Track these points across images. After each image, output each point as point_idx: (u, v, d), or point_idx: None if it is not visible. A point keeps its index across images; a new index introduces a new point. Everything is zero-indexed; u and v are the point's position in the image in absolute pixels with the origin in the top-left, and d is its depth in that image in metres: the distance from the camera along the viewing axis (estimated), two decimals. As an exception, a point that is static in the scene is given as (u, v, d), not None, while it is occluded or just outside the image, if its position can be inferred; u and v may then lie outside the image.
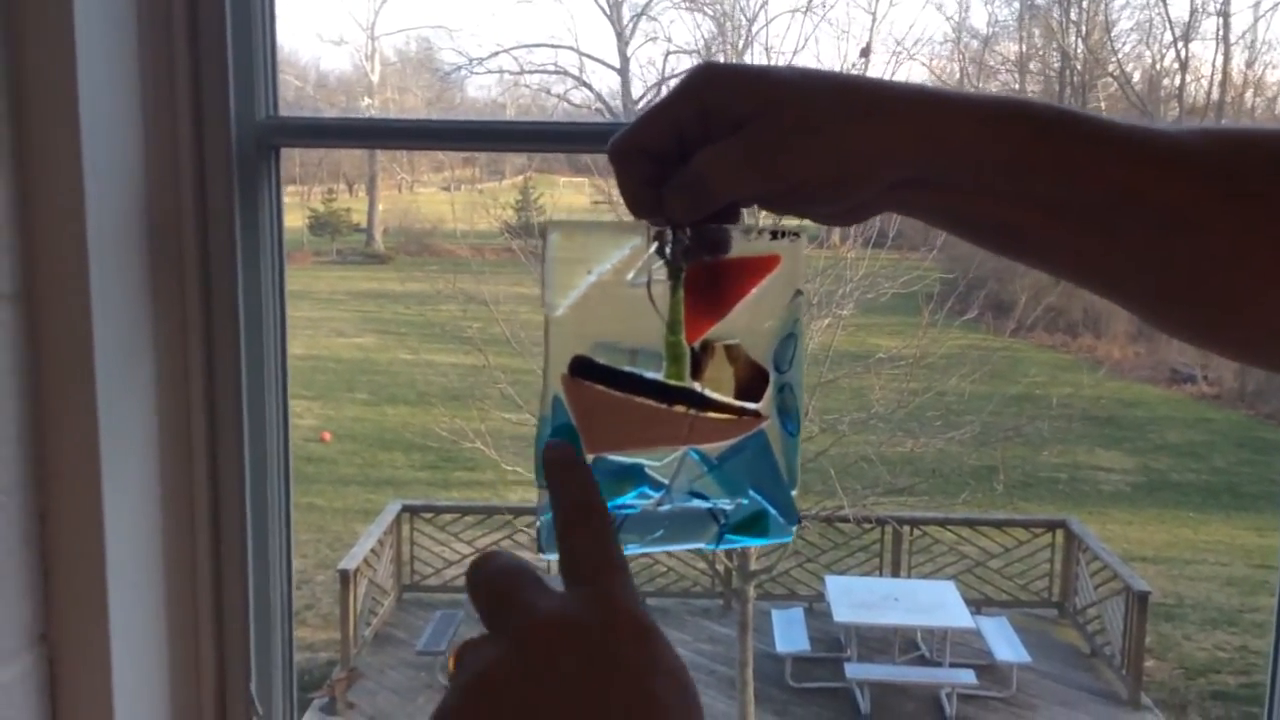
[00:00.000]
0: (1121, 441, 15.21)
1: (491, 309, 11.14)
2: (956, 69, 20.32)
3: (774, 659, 9.53)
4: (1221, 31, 19.91)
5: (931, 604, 9.82)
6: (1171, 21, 19.91)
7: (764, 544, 0.66)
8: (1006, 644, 9.47)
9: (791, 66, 0.58)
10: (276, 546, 1.11)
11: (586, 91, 15.65)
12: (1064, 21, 20.37)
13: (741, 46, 12.07)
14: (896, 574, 10.86)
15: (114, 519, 0.93)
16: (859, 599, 9.86)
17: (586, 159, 9.30)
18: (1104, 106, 19.14)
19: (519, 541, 10.32)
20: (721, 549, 0.61)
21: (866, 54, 10.77)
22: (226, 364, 1.04)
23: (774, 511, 0.63)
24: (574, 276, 0.58)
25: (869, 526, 10.75)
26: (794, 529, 0.63)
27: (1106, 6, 19.81)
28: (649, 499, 0.61)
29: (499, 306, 11.14)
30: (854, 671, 9.34)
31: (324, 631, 10.19)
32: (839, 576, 10.56)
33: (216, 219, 1.03)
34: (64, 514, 0.92)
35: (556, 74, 16.01)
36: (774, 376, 0.61)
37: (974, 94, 0.58)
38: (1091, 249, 0.59)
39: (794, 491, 0.63)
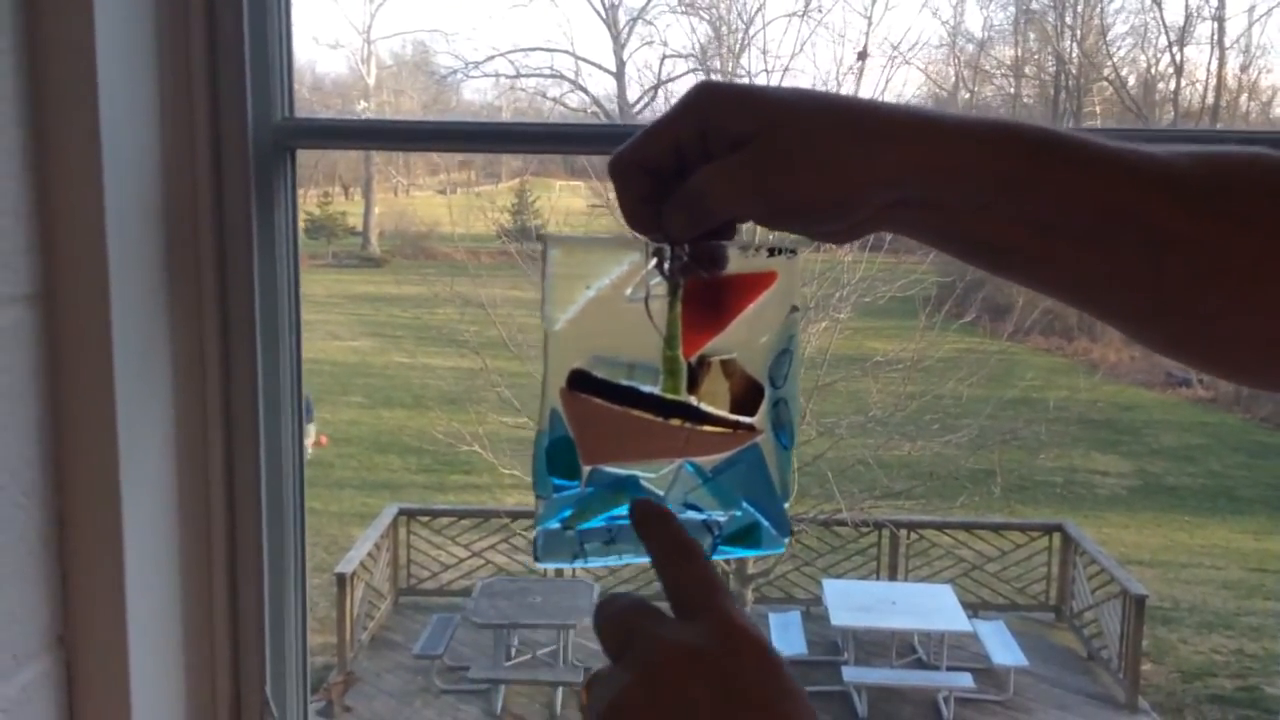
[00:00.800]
0: (1118, 445, 15.24)
1: (488, 312, 11.14)
2: (952, 73, 20.36)
3: (771, 663, 9.53)
4: (1216, 36, 19.98)
5: (928, 607, 9.82)
6: (1166, 26, 19.97)
7: (757, 555, 0.68)
8: (1003, 647, 9.47)
9: (790, 87, 0.59)
10: (291, 549, 1.11)
11: (583, 95, 15.67)
12: (1059, 25, 20.42)
13: (738, 50, 12.09)
14: (894, 577, 10.86)
15: (132, 522, 0.93)
16: (856, 602, 9.86)
17: (583, 162, 9.31)
18: (1099, 110, 19.18)
19: (516, 545, 10.32)
20: (716, 559, 0.62)
21: (864, 58, 10.79)
22: (243, 364, 1.04)
23: (766, 523, 0.64)
24: (573, 291, 0.59)
25: (866, 530, 10.75)
26: (786, 540, 0.64)
27: (1102, 11, 19.87)
28: None
29: (496, 310, 11.14)
30: (851, 675, 9.34)
31: (320, 635, 10.16)
32: (836, 580, 10.56)
33: (233, 220, 1.03)
34: (82, 516, 0.92)
35: (552, 78, 16.03)
36: (769, 391, 0.63)
37: (967, 115, 0.59)
38: (1081, 267, 0.60)
39: (787, 504, 0.64)
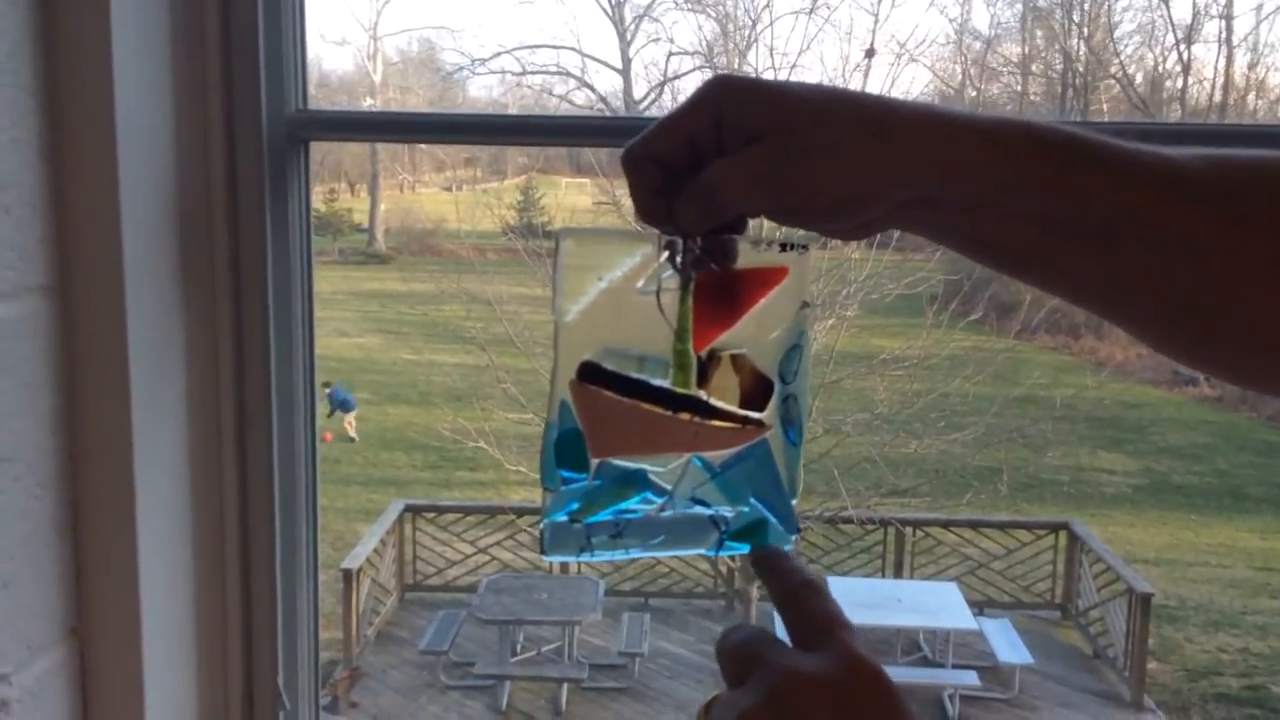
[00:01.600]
0: (1124, 443, 15.22)
1: (495, 309, 11.14)
2: (959, 70, 20.34)
3: (777, 660, 9.52)
4: (1224, 34, 19.95)
5: (934, 605, 9.81)
6: (1174, 24, 19.93)
7: None
8: (1009, 645, 9.47)
9: (804, 83, 0.59)
10: (304, 542, 1.11)
11: (589, 92, 15.68)
12: (1066, 23, 20.39)
13: (744, 48, 12.07)
14: (899, 575, 10.86)
15: (146, 513, 0.93)
16: (862, 600, 9.85)
17: (589, 159, 9.30)
18: (1106, 108, 19.14)
19: (521, 541, 10.33)
20: (722, 555, 0.63)
21: (871, 55, 10.77)
22: (256, 356, 1.04)
23: (774, 520, 0.64)
24: (585, 283, 0.59)
25: (872, 528, 10.75)
26: (794, 538, 0.64)
27: (1109, 9, 19.82)
28: (652, 504, 0.62)
29: (502, 306, 11.15)
30: (857, 673, 9.34)
31: (326, 631, 10.16)
32: (842, 578, 10.55)
33: (247, 212, 1.03)
34: (96, 507, 0.92)
35: (559, 75, 16.03)
36: (778, 387, 0.62)
37: (981, 114, 0.59)
38: (1093, 269, 0.60)
39: (795, 501, 0.64)
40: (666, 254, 0.59)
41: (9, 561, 0.83)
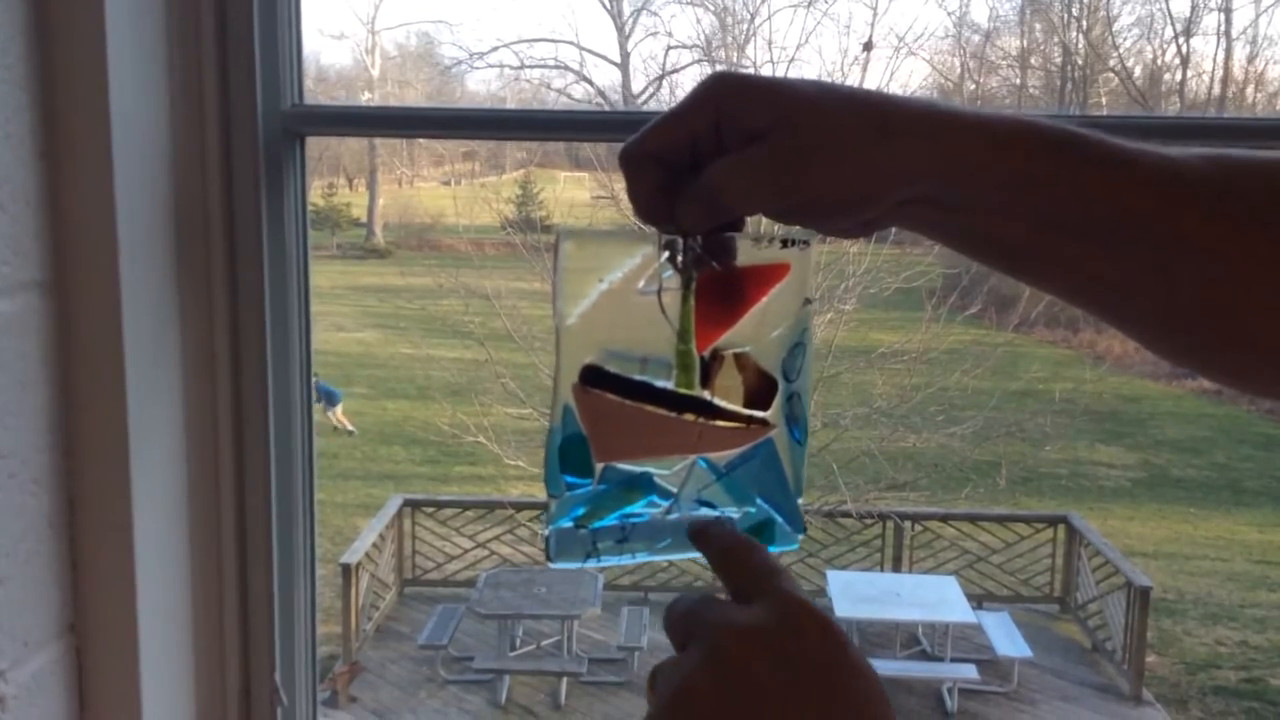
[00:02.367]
0: (1122, 437, 15.23)
1: (493, 303, 11.14)
2: (957, 64, 20.33)
3: (776, 653, 9.54)
4: (1223, 27, 19.94)
5: (933, 599, 9.82)
6: (1173, 16, 19.92)
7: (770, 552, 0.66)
8: (1008, 639, 9.48)
9: (806, 80, 0.59)
10: (300, 537, 1.11)
11: (587, 86, 15.66)
12: (1065, 16, 20.37)
13: (743, 41, 12.05)
14: (898, 569, 10.87)
15: (142, 509, 0.93)
16: (860, 594, 9.87)
17: (587, 153, 9.29)
18: (1105, 101, 19.14)
19: (520, 536, 10.34)
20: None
21: (869, 49, 10.77)
22: (253, 351, 1.04)
23: (780, 520, 0.63)
24: (585, 285, 0.59)
25: (871, 521, 10.76)
26: (800, 538, 0.64)
27: (1108, 1, 19.80)
28: (658, 508, 0.62)
29: (500, 301, 11.15)
30: (856, 666, 9.35)
31: (325, 625, 10.18)
32: (840, 571, 10.57)
33: (243, 207, 1.03)
34: (92, 504, 0.91)
35: (557, 68, 16.01)
36: (782, 385, 0.62)
37: (984, 112, 0.58)
38: (1095, 269, 0.59)
39: (801, 500, 0.64)
40: (666, 254, 0.59)
41: (4, 559, 0.82)
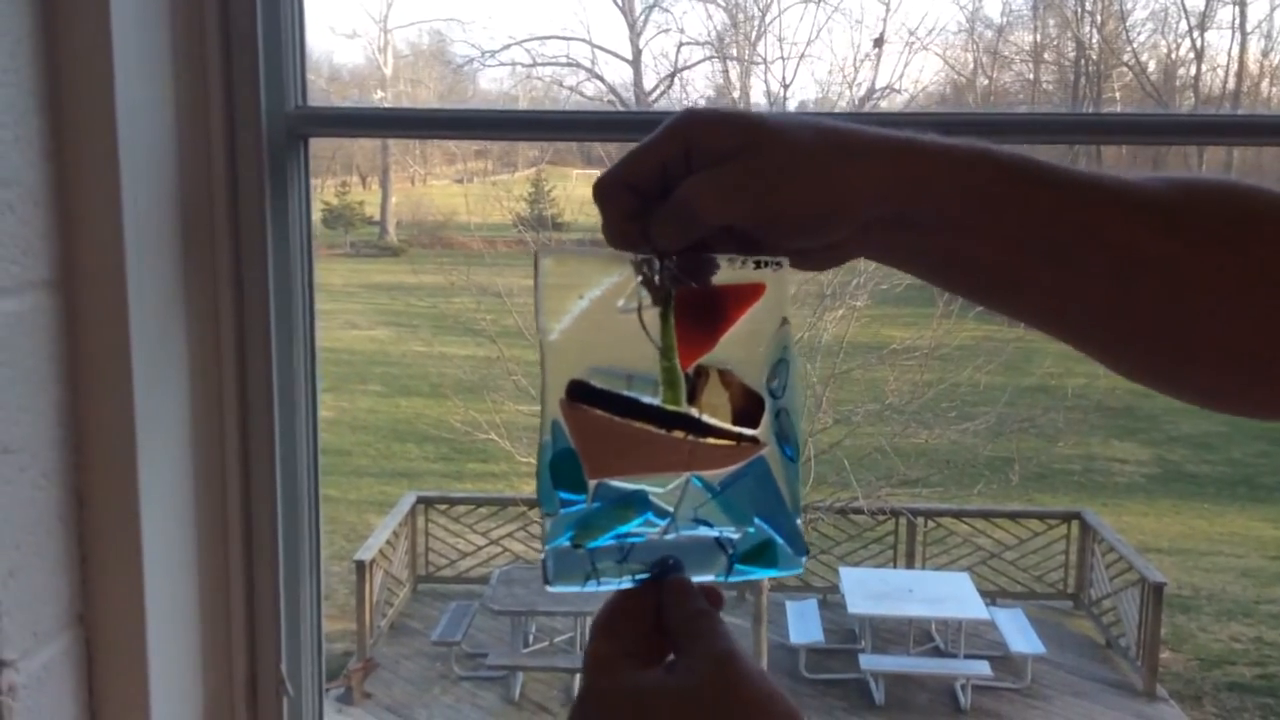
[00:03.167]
0: (1136, 433, 15.16)
1: (505, 301, 11.16)
2: (970, 59, 20.24)
3: (788, 650, 9.54)
4: (1238, 20, 19.81)
5: (946, 595, 9.81)
6: (1187, 10, 19.79)
7: (775, 575, 0.65)
8: (1021, 635, 9.47)
9: (772, 110, 0.61)
10: (306, 530, 1.13)
11: (599, 84, 15.66)
12: (1079, 10, 20.26)
13: (754, 37, 12.05)
14: (911, 566, 10.86)
15: (149, 503, 0.95)
16: (873, 590, 9.86)
17: (600, 152, 9.31)
18: (1119, 96, 19.04)
19: (532, 533, 10.36)
20: (734, 581, 0.62)
21: (880, 44, 10.75)
22: (258, 349, 1.06)
23: (781, 540, 0.62)
24: (566, 302, 0.59)
25: (883, 518, 10.75)
26: (804, 560, 0.63)
27: (1122, -5, 19.69)
28: (655, 527, 0.61)
29: (512, 299, 11.16)
30: (868, 663, 9.35)
31: (340, 622, 10.22)
32: (853, 568, 10.56)
33: (248, 207, 1.05)
34: (101, 498, 0.94)
35: (569, 66, 16.02)
36: (769, 403, 0.61)
37: (944, 139, 0.61)
38: (1055, 289, 0.61)
39: (799, 520, 0.63)
40: (641, 277, 0.59)
41: (14, 551, 0.85)
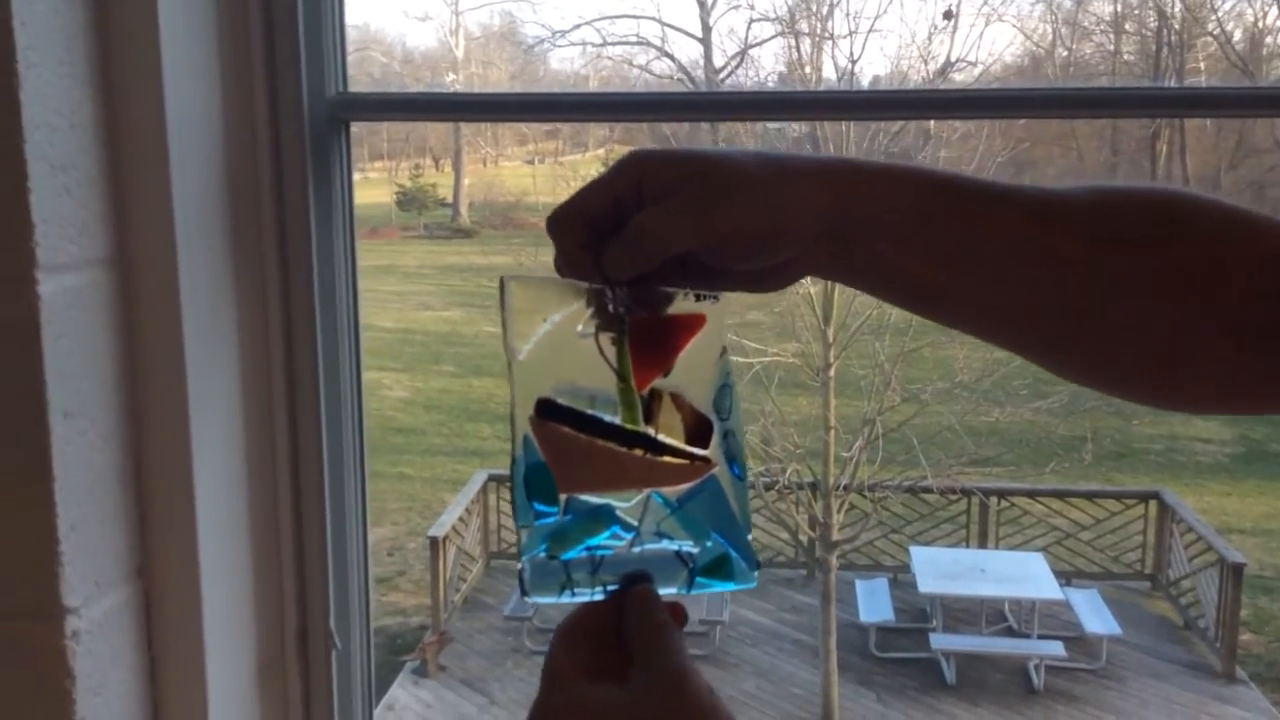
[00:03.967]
0: (1219, 412, 14.81)
1: (574, 281, 11.23)
2: (1048, 30, 19.77)
3: (858, 629, 9.55)
4: (1329, -15, 19.08)
5: (1019, 575, 9.73)
6: (1275, -24, 19.12)
7: (731, 590, 0.70)
8: (1096, 616, 9.36)
9: (715, 146, 0.66)
10: (352, 491, 1.19)
11: (668, 62, 15.63)
12: (1161, -21, 19.69)
13: (824, 12, 11.92)
14: (984, 545, 10.77)
15: (202, 464, 1.02)
16: (944, 570, 9.81)
17: (668, 132, 9.32)
18: (1203, 67, 18.49)
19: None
20: (694, 594, 0.67)
21: (950, 17, 10.59)
22: (304, 321, 1.12)
23: (735, 555, 0.66)
24: (532, 325, 0.63)
25: (954, 497, 10.67)
26: (756, 574, 0.67)
27: (1206, -38, 19.10)
28: (621, 540, 0.65)
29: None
30: (939, 642, 9.32)
31: (415, 597, 10.46)
32: (924, 547, 10.51)
33: (292, 190, 1.11)
34: (157, 460, 1.01)
35: (639, 45, 16.01)
36: (717, 425, 0.66)
37: (878, 160, 0.66)
38: (993, 297, 0.65)
39: (749, 535, 0.67)
40: (593, 308, 0.63)
41: (76, 507, 0.92)
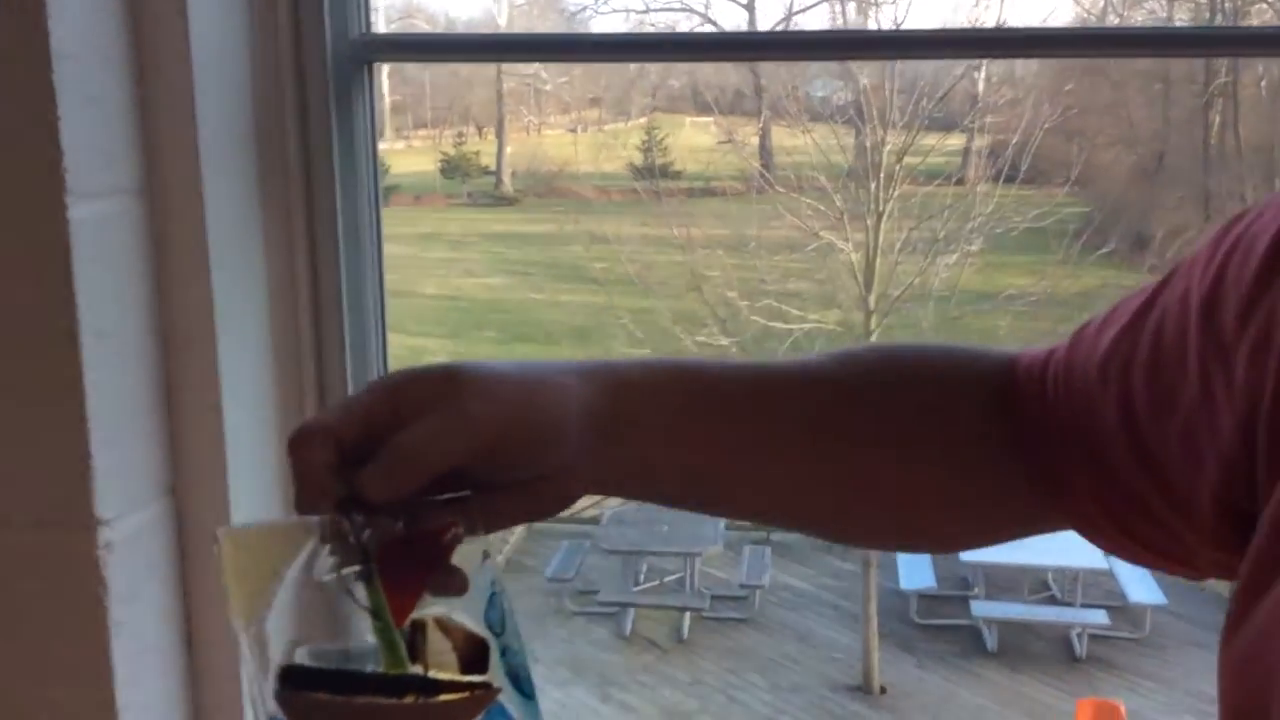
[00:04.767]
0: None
1: (616, 248, 11.29)
2: (1100, -4, 19.41)
3: (899, 595, 9.55)
4: (1393, -55, 18.56)
5: (1063, 543, 9.60)
6: (1336, -63, 18.63)
7: None
8: (1141, 585, 9.29)
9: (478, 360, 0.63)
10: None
11: (712, 28, 15.54)
12: (1217, -59, 19.25)
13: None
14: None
15: (229, 385, 1.07)
16: (986, 538, 9.77)
17: (711, 101, 9.33)
18: (1260, 30, 18.07)
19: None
20: None
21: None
22: (328, 250, 1.15)
23: None
24: (259, 583, 0.55)
25: (996, 465, 10.59)
26: None
27: (1264, -78, 18.64)
28: None
29: (624, 246, 11.28)
30: (981, 609, 9.30)
31: (458, 560, 10.57)
32: (966, 515, 10.46)
33: (316, 127, 1.15)
34: (186, 383, 1.05)
35: (683, 11, 15.94)
36: (493, 642, 0.58)
37: (635, 359, 0.67)
38: (765, 479, 0.67)
39: None
40: (329, 544, 0.56)
41: (107, 424, 0.97)
